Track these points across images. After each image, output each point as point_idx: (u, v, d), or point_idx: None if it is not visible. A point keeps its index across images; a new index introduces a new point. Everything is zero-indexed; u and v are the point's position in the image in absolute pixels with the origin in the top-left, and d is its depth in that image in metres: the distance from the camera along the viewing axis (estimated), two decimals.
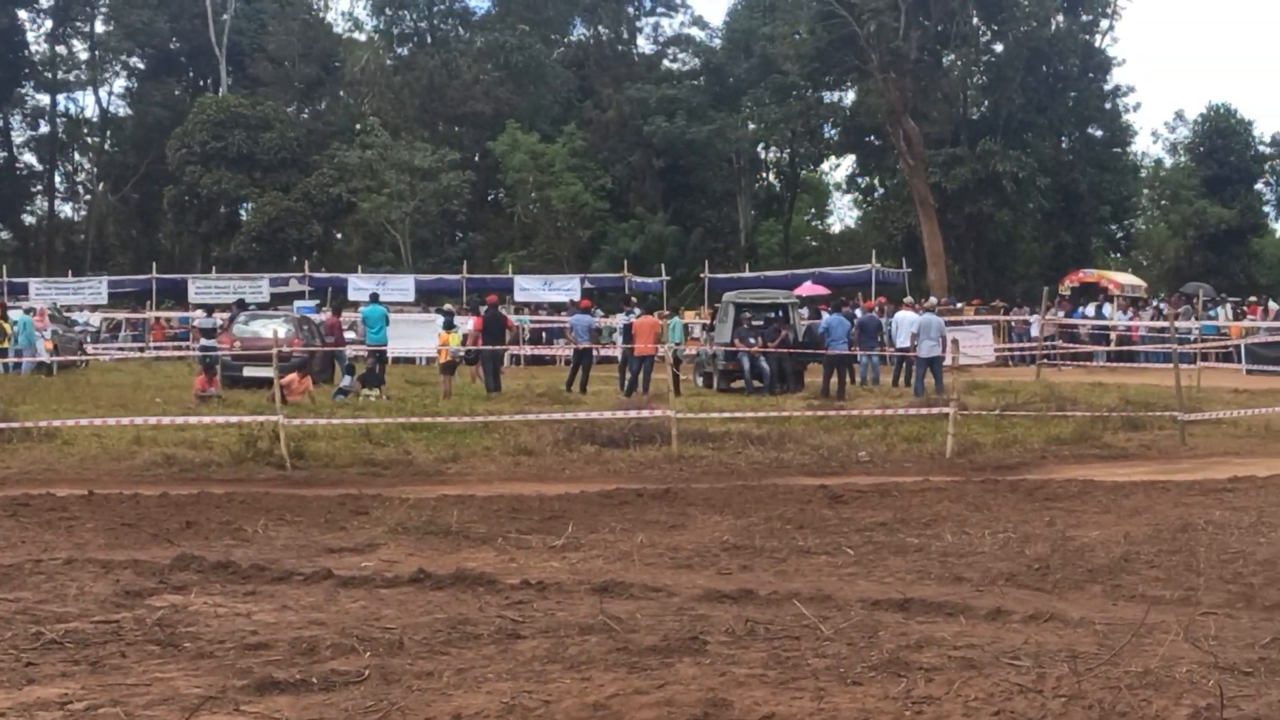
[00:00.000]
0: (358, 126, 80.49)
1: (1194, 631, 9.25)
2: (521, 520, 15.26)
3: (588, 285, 65.37)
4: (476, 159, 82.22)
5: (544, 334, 57.77)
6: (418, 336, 45.42)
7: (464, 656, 8.74)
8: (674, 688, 7.74)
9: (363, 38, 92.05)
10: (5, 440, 22.15)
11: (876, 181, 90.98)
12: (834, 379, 34.54)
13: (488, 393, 33.34)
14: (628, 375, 35.32)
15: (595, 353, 39.44)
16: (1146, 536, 13.75)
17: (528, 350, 52.39)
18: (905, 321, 37.86)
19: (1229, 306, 56.52)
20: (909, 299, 47.51)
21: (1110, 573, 11.95)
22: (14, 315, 40.84)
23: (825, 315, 39.11)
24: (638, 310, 41.22)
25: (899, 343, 38.28)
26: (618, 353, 38.52)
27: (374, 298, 42.97)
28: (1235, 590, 11.15)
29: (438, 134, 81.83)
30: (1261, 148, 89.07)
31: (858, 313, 42.10)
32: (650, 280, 67.57)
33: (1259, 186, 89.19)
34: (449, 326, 36.38)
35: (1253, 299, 59.77)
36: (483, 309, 39.16)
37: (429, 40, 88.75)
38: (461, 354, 36.11)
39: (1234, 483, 17.94)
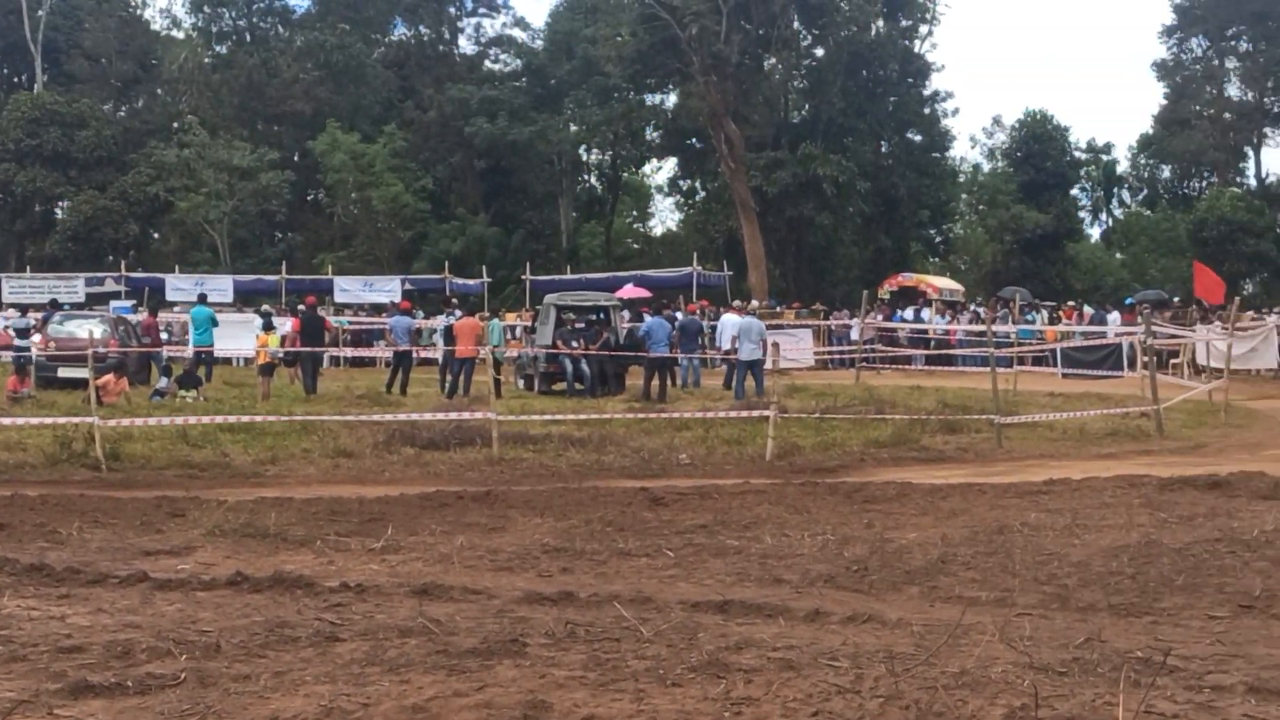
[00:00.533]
0: (175, 125, 79.69)
1: (1009, 632, 9.36)
2: (340, 523, 15.18)
3: (408, 286, 65.09)
4: (296, 158, 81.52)
5: (364, 335, 57.34)
6: (236, 337, 44.92)
7: (282, 659, 8.67)
8: (493, 690, 7.72)
9: (181, 35, 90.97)
10: None
11: (698, 184, 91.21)
12: (655, 381, 34.64)
13: (306, 394, 33.18)
14: (448, 377, 35.23)
15: (415, 355, 39.30)
16: (963, 538, 13.90)
17: (348, 352, 52.07)
18: (728, 324, 38.08)
19: (1045, 311, 57.40)
20: (737, 303, 47.82)
21: (927, 574, 12.06)
22: None
23: (646, 318, 39.22)
24: (458, 312, 41.17)
25: (723, 346, 38.47)
26: (438, 355, 38.41)
27: (201, 299, 42.65)
28: (1050, 591, 11.30)
29: (257, 133, 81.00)
30: (1077, 154, 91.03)
31: (679, 315, 42.25)
32: (471, 282, 67.39)
33: (1075, 192, 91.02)
34: (268, 327, 36.12)
35: (1069, 303, 60.70)
36: (301, 309, 38.94)
37: (248, 39, 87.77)
38: (280, 355, 35.85)
39: (1049, 485, 18.17)
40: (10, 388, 30.87)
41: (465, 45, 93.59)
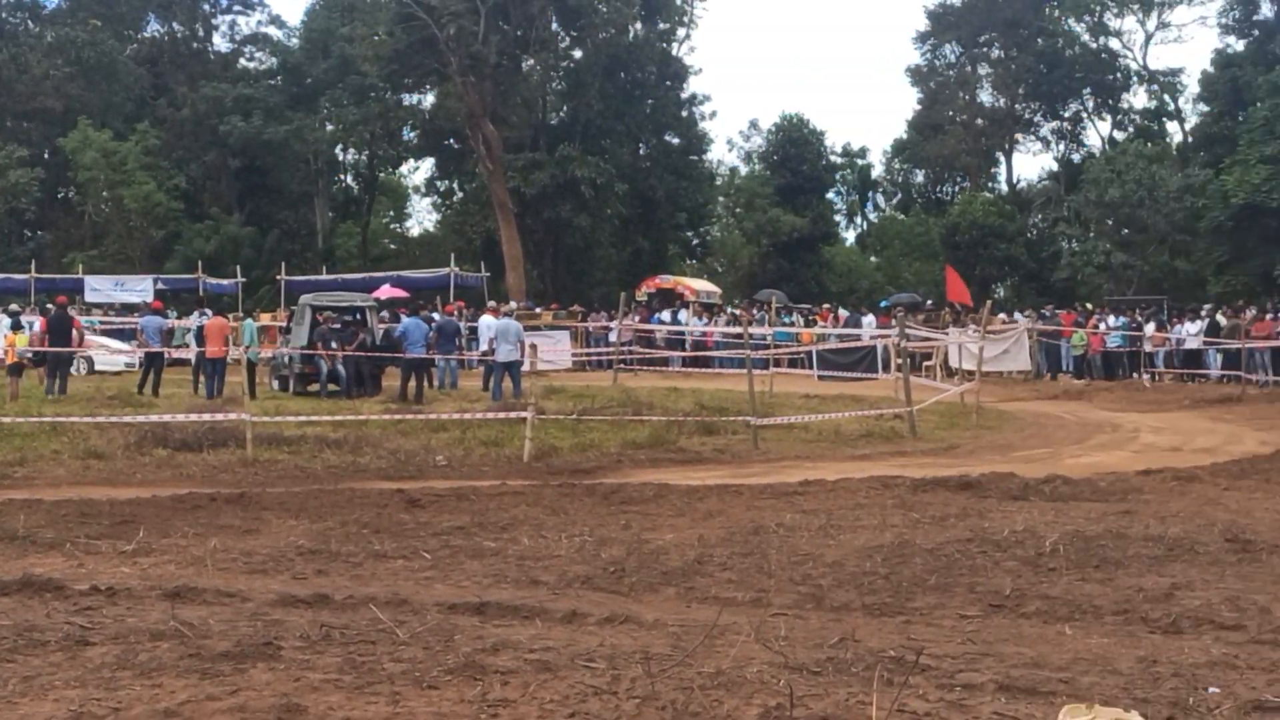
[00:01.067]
0: None
1: (765, 632, 9.40)
2: (91, 525, 14.86)
3: (161, 286, 64.29)
4: (46, 156, 80.00)
5: (115, 335, 56.40)
6: None
7: (30, 664, 8.45)
8: (247, 693, 7.61)
9: None
10: None
11: (455, 185, 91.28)
12: (412, 383, 34.55)
13: (53, 396, 32.62)
14: (202, 378, 34.87)
15: (168, 355, 38.79)
16: (720, 539, 13.96)
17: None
18: (486, 326, 38.14)
19: (801, 314, 58.08)
20: (493, 303, 47.79)
21: (684, 575, 12.09)
22: None
23: (403, 318, 39.07)
24: (209, 312, 40.69)
25: (481, 347, 38.52)
26: (191, 355, 37.99)
27: None
28: (805, 591, 11.38)
29: (5, 130, 79.51)
30: (833, 158, 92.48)
31: (436, 316, 42.17)
32: (225, 282, 66.75)
33: (830, 196, 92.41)
34: (16, 327, 35.53)
35: (825, 306, 61.51)
36: (50, 309, 38.29)
37: None
38: (29, 355, 35.25)
39: (804, 486, 18.34)
40: None
41: (220, 43, 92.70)
